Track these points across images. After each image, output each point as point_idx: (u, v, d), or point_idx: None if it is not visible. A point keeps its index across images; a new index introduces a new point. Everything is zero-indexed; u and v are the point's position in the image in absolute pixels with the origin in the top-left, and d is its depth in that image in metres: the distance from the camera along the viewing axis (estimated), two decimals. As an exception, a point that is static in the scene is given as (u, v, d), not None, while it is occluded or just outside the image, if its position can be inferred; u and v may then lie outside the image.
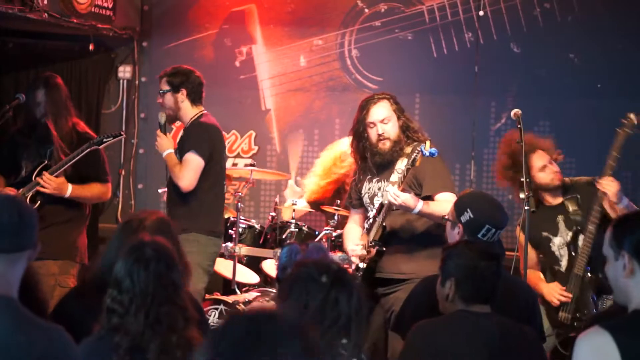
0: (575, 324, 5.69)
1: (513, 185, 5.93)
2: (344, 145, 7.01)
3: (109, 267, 3.55)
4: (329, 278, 3.17)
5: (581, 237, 5.78)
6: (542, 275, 5.97)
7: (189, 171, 5.95)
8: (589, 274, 5.74)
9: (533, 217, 5.59)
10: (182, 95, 6.11)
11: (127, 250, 3.41)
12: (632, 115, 5.79)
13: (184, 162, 5.98)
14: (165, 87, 6.14)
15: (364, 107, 5.47)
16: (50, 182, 6.05)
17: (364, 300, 3.24)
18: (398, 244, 5.37)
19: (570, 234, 5.87)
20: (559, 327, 5.80)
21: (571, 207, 5.94)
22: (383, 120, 5.41)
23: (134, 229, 3.84)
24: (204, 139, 6.06)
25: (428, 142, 5.02)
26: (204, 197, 6.03)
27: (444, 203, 5.20)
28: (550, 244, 5.93)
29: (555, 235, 5.92)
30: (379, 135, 5.40)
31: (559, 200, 5.98)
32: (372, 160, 5.45)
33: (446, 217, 4.54)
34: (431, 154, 4.98)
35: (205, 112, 6.18)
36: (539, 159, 5.92)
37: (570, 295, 5.75)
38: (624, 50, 8.01)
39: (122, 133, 6.50)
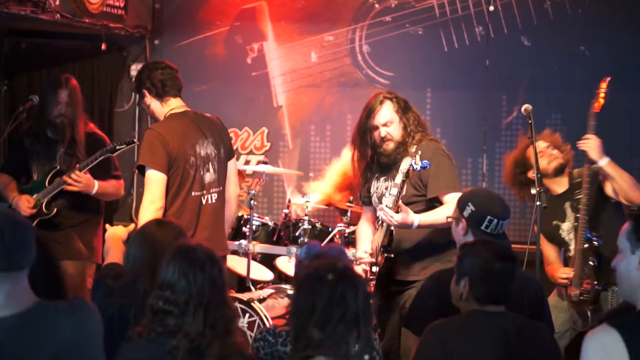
0: (582, 297, 5.67)
1: (520, 187, 5.96)
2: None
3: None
4: (335, 275, 3.25)
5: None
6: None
7: None
8: (587, 244, 5.69)
9: (545, 212, 5.59)
10: (147, 99, 5.42)
11: (177, 253, 3.38)
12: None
13: None
14: (140, 99, 5.55)
15: (368, 111, 5.47)
16: (80, 179, 6.00)
17: (370, 295, 3.31)
18: (409, 247, 5.39)
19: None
20: (576, 304, 5.82)
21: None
22: (386, 124, 5.42)
23: (155, 238, 3.87)
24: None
25: (417, 157, 5.02)
26: None
27: (442, 209, 5.22)
28: (560, 231, 5.93)
29: (564, 221, 5.91)
30: (382, 137, 5.42)
31: (565, 187, 5.94)
32: (377, 160, 5.48)
33: (449, 216, 4.64)
34: (423, 167, 5.00)
35: (176, 107, 5.41)
36: (537, 146, 5.83)
37: (571, 270, 5.76)
38: (635, 43, 7.99)
39: (134, 140, 6.12)
